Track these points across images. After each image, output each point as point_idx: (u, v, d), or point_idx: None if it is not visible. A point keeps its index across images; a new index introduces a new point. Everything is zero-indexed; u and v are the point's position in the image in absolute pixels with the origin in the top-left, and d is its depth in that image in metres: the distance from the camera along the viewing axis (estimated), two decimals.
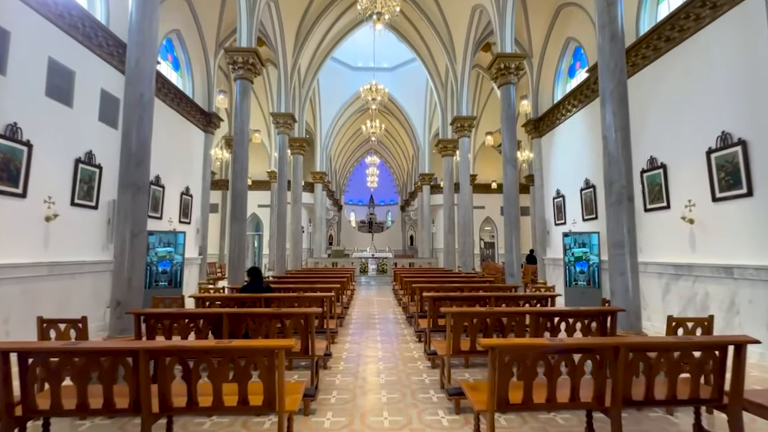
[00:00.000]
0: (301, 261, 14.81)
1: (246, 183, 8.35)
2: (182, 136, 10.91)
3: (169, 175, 10.11)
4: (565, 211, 11.10)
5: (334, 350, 5.89)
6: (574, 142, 10.64)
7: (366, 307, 10.34)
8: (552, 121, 11.83)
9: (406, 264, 18.49)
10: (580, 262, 9.19)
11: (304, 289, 6.84)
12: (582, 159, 10.20)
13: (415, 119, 21.79)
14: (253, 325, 4.03)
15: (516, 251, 8.23)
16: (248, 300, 5.34)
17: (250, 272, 5.68)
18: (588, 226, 9.82)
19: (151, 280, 8.60)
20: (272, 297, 5.42)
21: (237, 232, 8.03)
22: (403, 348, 6.08)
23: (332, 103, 21.54)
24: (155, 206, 9.31)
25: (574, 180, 10.57)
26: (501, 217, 23.64)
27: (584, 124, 10.18)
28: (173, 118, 10.41)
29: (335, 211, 32.38)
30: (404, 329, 7.54)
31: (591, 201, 9.68)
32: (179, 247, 9.11)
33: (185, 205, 10.91)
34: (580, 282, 9.15)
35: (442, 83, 15.25)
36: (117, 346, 2.61)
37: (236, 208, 8.10)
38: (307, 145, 15.04)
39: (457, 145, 14.80)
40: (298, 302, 5.41)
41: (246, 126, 8.37)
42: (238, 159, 8.24)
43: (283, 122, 12.37)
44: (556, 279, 11.47)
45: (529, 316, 4.26)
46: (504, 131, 8.62)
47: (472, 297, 5.58)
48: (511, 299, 5.59)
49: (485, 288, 7.16)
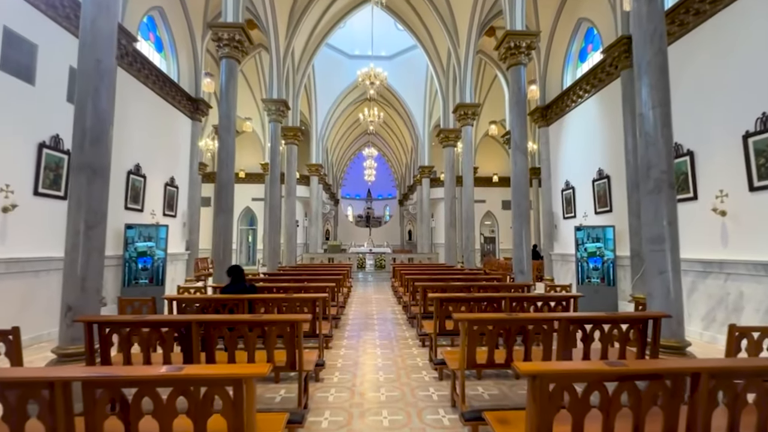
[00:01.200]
0: (295, 256, 14.15)
1: (232, 171, 7.65)
2: (166, 122, 10.16)
3: (152, 165, 9.38)
4: (574, 203, 10.46)
5: (328, 357, 5.25)
6: (586, 131, 9.98)
7: (364, 306, 9.70)
8: (561, 109, 11.16)
9: (405, 259, 17.85)
10: (594, 258, 8.57)
11: (295, 289, 6.18)
12: (595, 148, 9.55)
13: (415, 110, 21.04)
14: (229, 336, 3.36)
15: (526, 246, 7.59)
16: (230, 302, 4.67)
17: (230, 271, 5.01)
18: (601, 219, 9.19)
19: (130, 278, 7.92)
20: (258, 299, 4.76)
21: (223, 224, 7.34)
22: (406, 354, 5.43)
23: (328, 93, 20.75)
24: (135, 198, 8.59)
25: (585, 170, 9.92)
26: (502, 211, 23.04)
27: (597, 110, 9.52)
28: (155, 102, 9.66)
29: (332, 205, 31.68)
30: (405, 331, 6.90)
31: (605, 192, 9.04)
32: (161, 242, 8.42)
33: (170, 197, 10.19)
34: (594, 279, 8.53)
35: (443, 70, 14.52)
36: (26, 375, 1.94)
37: (222, 199, 7.40)
38: (301, 134, 14.31)
39: (459, 134, 14.11)
40: (287, 304, 4.74)
41: (232, 110, 7.65)
42: (224, 146, 7.53)
43: (276, 109, 11.63)
44: (564, 276, 10.86)
45: (557, 323, 3.60)
46: (513, 116, 7.94)
47: (485, 298, 4.93)
48: (528, 300, 4.94)
49: (495, 287, 6.52)
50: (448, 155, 14.07)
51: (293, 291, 6.08)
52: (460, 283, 6.82)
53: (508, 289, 6.51)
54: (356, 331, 6.98)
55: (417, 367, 4.88)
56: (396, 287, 11.06)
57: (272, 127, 11.78)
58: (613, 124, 8.78)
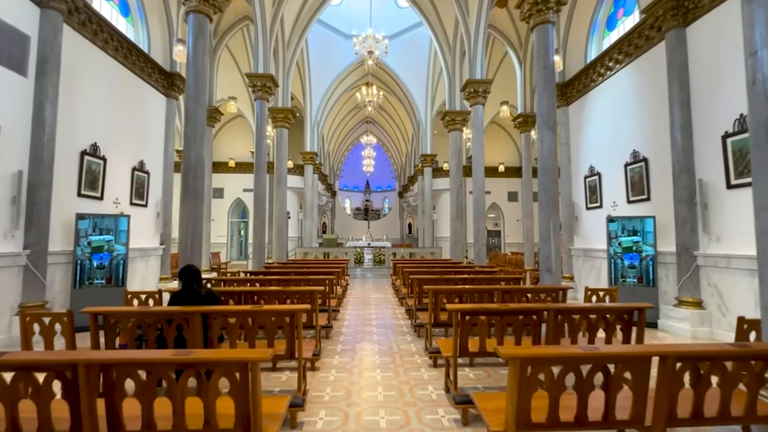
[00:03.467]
0: (286, 251, 12.89)
1: (202, 149, 6.36)
2: (133, 98, 8.82)
3: (114, 145, 8.07)
4: (600, 192, 9.21)
5: (314, 386, 4.02)
6: (616, 108, 8.69)
7: (361, 308, 8.48)
8: (585, 85, 9.86)
9: (405, 254, 16.62)
10: (630, 254, 7.34)
11: (277, 293, 4.93)
12: (628, 127, 8.27)
13: (416, 94, 19.69)
14: (143, 385, 2.10)
15: (555, 240, 6.36)
16: (178, 317, 3.43)
17: (181, 274, 3.76)
18: (635, 209, 7.95)
19: (83, 278, 6.66)
20: (216, 312, 3.50)
21: (191, 212, 6.07)
22: (415, 383, 4.19)
23: (324, 75, 19.37)
24: (92, 183, 7.30)
25: (614, 154, 8.66)
26: (508, 203, 21.82)
27: (632, 83, 8.22)
28: (119, 74, 8.32)
29: (328, 197, 30.38)
30: (411, 344, 5.68)
31: (641, 178, 7.78)
32: (121, 235, 7.15)
33: (139, 184, 8.89)
34: (630, 279, 7.31)
35: (449, 46, 13.17)
36: None
37: (190, 182, 6.13)
38: (293, 118, 12.97)
39: (466, 117, 12.83)
40: (253, 319, 3.50)
41: (202, 77, 6.34)
42: (191, 118, 6.24)
43: (262, 86, 10.29)
44: (586, 274, 9.65)
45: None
46: (540, 85, 6.65)
47: (521, 310, 3.68)
48: (590, 312, 3.70)
49: (521, 290, 5.28)
50: (454, 140, 12.78)
51: (268, 298, 4.83)
52: (476, 287, 5.59)
53: (536, 293, 5.27)
54: (351, 343, 5.75)
55: (432, 403, 3.65)
56: (397, 286, 9.85)
57: (258, 105, 10.45)
58: (653, 98, 7.50)
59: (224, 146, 21.15)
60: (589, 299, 5.09)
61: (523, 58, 13.14)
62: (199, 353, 2.13)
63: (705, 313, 6.24)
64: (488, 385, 4.14)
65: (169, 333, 3.46)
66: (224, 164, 20.85)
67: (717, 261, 6.06)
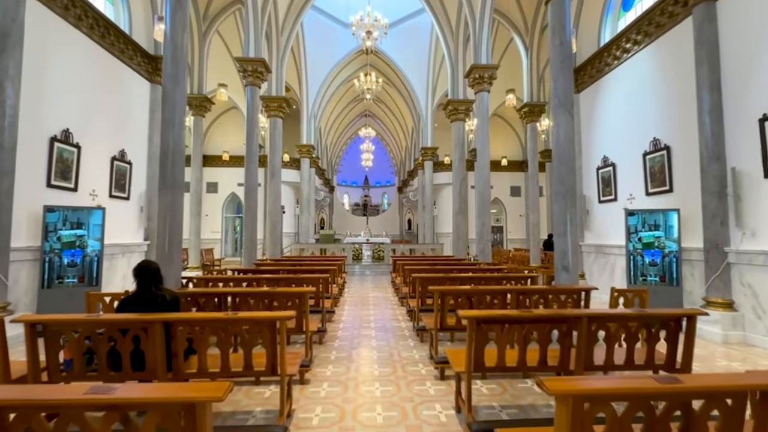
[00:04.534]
0: (280, 247, 12.29)
1: (181, 133, 5.72)
2: (112, 82, 8.17)
3: (90, 133, 7.43)
4: (615, 183, 8.62)
5: (301, 404, 3.43)
6: (633, 93, 8.08)
7: (359, 309, 7.89)
8: (598, 70, 9.23)
9: (405, 251, 16.04)
10: (651, 250, 6.75)
11: (262, 296, 4.33)
12: (647, 113, 7.66)
13: (416, 85, 19.02)
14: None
15: (572, 235, 5.76)
16: (135, 326, 2.83)
17: (136, 272, 3.15)
18: (655, 201, 7.36)
19: (52, 276, 6.05)
20: (180, 320, 2.90)
21: (169, 204, 5.46)
22: (420, 400, 3.60)
23: (321, 66, 18.66)
24: (64, 173, 6.67)
25: (632, 143, 8.06)
26: (510, 198, 21.25)
27: (652, 65, 7.60)
28: (95, 55, 7.67)
29: (326, 192, 29.75)
30: (414, 350, 5.09)
31: (662, 168, 7.18)
32: (95, 230, 6.53)
33: (120, 175, 8.26)
34: (651, 278, 6.73)
35: (452, 31, 12.50)
36: None
37: (167, 170, 5.51)
38: (287, 106, 12.33)
39: (470, 107, 12.21)
40: (224, 331, 2.89)
41: (181, 54, 5.71)
42: (169, 100, 5.60)
43: (252, 70, 9.63)
44: (599, 272, 9.07)
45: None
46: (556, 65, 6.02)
47: (550, 317, 3.09)
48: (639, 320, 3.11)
49: (548, 291, 4.68)
50: (457, 131, 12.16)
51: (255, 300, 4.23)
52: (487, 287, 5.00)
53: (556, 294, 4.68)
54: (347, 349, 5.16)
55: (440, 426, 3.06)
56: (398, 284, 9.26)
57: (248, 91, 9.79)
58: (677, 81, 6.89)
59: (217, 139, 20.50)
60: (615, 301, 4.51)
61: (529, 44, 12.50)
62: (125, 391, 1.52)
63: (737, 316, 5.66)
64: (505, 403, 3.55)
65: (124, 346, 2.86)
66: (218, 158, 20.21)
67: (752, 258, 5.48)
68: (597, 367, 3.13)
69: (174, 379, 2.99)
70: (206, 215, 20.83)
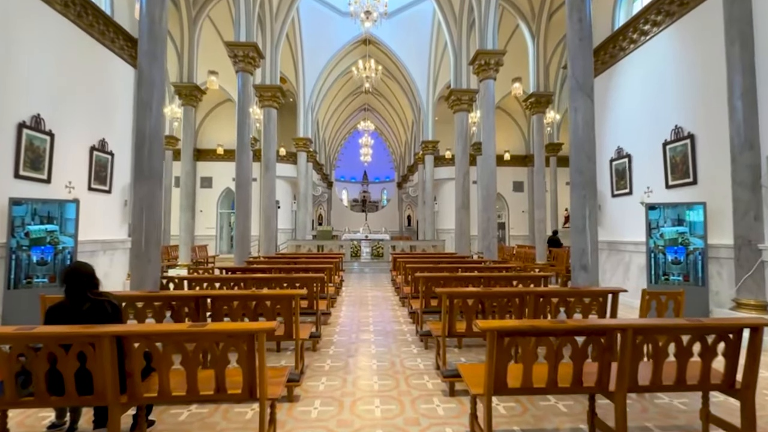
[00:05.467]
0: (275, 243, 11.75)
1: (160, 118, 5.16)
2: (92, 66, 7.59)
3: (66, 119, 6.86)
4: (630, 176, 8.09)
5: (288, 430, 2.91)
6: (653, 79, 7.53)
7: (357, 310, 7.37)
8: (611, 56, 8.68)
9: (405, 247, 15.51)
10: (674, 247, 6.23)
11: (245, 299, 3.80)
12: (668, 100, 7.12)
13: (417, 77, 18.42)
14: None
15: (591, 231, 5.23)
16: (78, 342, 2.29)
17: (64, 278, 2.59)
18: (676, 194, 6.83)
19: (19, 276, 5.50)
20: (136, 335, 2.36)
21: (145, 197, 4.92)
22: (428, 423, 3.08)
23: (318, 56, 18.05)
24: (35, 163, 6.11)
25: (650, 132, 7.52)
26: (513, 194, 20.73)
27: (674, 48, 7.05)
28: (72, 36, 7.08)
29: (324, 187, 29.19)
30: (417, 358, 4.57)
31: (684, 158, 6.65)
32: (68, 225, 5.98)
33: (100, 166, 7.70)
34: (674, 277, 6.22)
35: (455, 17, 11.92)
36: None
37: (144, 158, 4.97)
38: (281, 95, 11.74)
39: (474, 96, 11.64)
40: (190, 346, 2.36)
41: (159, 29, 5.14)
42: (146, 80, 5.04)
43: (243, 55, 9.04)
44: (612, 270, 8.55)
45: None
46: (574, 43, 5.46)
47: (600, 330, 2.57)
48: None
49: (570, 293, 4.15)
50: (460, 122, 11.60)
51: (238, 303, 3.69)
52: (502, 290, 4.49)
53: (579, 297, 4.15)
54: (343, 358, 4.64)
55: None
56: (398, 283, 8.74)
57: (240, 78, 9.20)
58: (703, 64, 6.35)
59: (212, 132, 19.93)
60: (647, 305, 3.99)
61: (536, 31, 11.92)
62: None
63: None
64: (527, 426, 3.04)
65: (66, 365, 2.33)
66: (212, 151, 19.65)
67: None
68: (643, 387, 2.61)
69: (129, 404, 2.46)
70: (200, 211, 20.28)
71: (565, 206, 20.88)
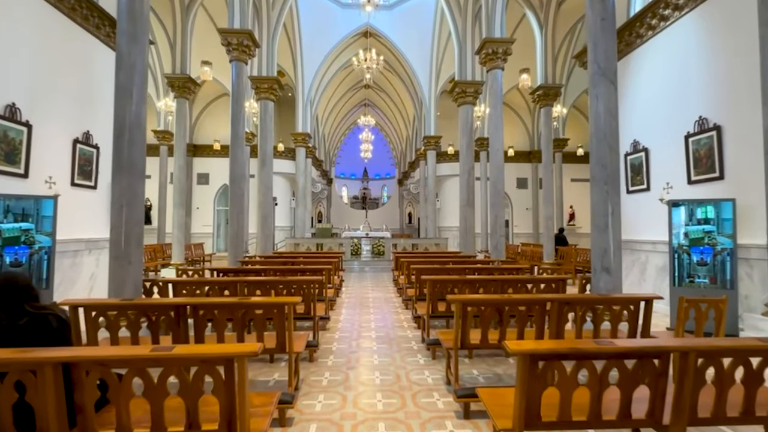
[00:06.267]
0: (272, 242, 11.31)
1: (142, 106, 4.71)
2: (75, 53, 7.11)
3: (45, 110, 6.39)
4: (648, 171, 7.64)
5: None
6: (674, 67, 7.07)
7: (358, 313, 6.93)
8: (627, 43, 8.21)
9: (407, 246, 15.08)
10: (700, 247, 5.78)
11: (232, 308, 3.35)
12: (691, 89, 6.66)
13: (419, 70, 17.92)
14: None
15: (614, 230, 4.79)
16: (16, 371, 1.84)
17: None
18: (699, 190, 6.38)
19: None
20: (87, 361, 1.91)
21: (125, 192, 4.47)
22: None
23: (317, 49, 17.55)
24: (10, 156, 5.65)
25: (670, 124, 7.07)
26: (517, 191, 20.26)
27: (698, 33, 6.58)
28: (53, 20, 6.60)
29: (324, 184, 28.72)
30: (425, 371, 4.13)
31: (710, 152, 6.19)
32: (45, 223, 5.52)
33: (84, 161, 7.23)
34: (699, 279, 5.77)
35: (459, 6, 11.42)
36: None
37: (123, 149, 4.52)
38: (279, 88, 11.26)
39: (479, 88, 11.17)
40: (157, 370, 1.91)
41: (139, 5, 4.67)
42: (125, 62, 4.59)
43: (237, 44, 8.56)
44: (627, 270, 8.07)
45: None
46: (595, 24, 5.00)
47: None
48: None
49: (598, 300, 3.71)
50: (465, 115, 11.13)
51: (221, 314, 3.24)
52: (523, 296, 4.05)
53: (608, 304, 3.70)
54: (343, 369, 4.20)
55: None
56: (400, 284, 8.31)
57: (234, 68, 8.72)
58: (731, 50, 5.89)
59: (208, 128, 19.46)
60: (685, 314, 3.55)
61: (544, 20, 11.43)
62: None
63: None
64: None
65: (1, 397, 1.88)
66: (209, 147, 19.19)
67: None
68: (703, 420, 2.17)
69: None
70: (197, 208, 19.85)
71: (570, 203, 20.44)
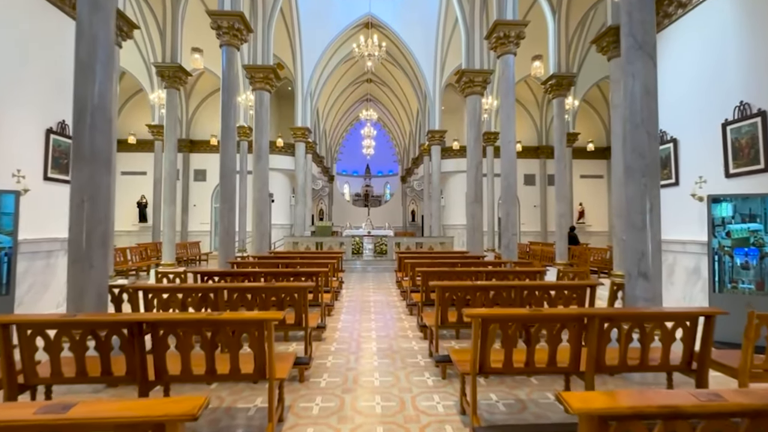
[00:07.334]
0: (268, 240, 10.71)
1: (108, 85, 4.09)
2: (47, 35, 6.51)
3: (12, 97, 5.81)
4: (676, 164, 6.97)
5: None
6: (708, 48, 6.39)
7: (358, 320, 6.30)
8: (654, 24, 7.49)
9: (411, 244, 14.46)
10: (744, 248, 5.12)
11: (203, 324, 2.73)
12: (729, 72, 5.98)
13: (423, 62, 17.24)
14: None
15: (653, 230, 4.15)
16: None
17: None
18: (739, 184, 5.71)
19: None
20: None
21: (85, 186, 3.86)
22: None
23: (317, 40, 16.88)
24: None
25: (703, 111, 6.39)
26: (524, 187, 19.56)
27: (735, 10, 5.90)
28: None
29: (325, 181, 28.10)
30: (435, 395, 3.51)
31: (753, 141, 5.51)
32: (5, 221, 4.93)
33: (60, 153, 6.64)
34: (744, 284, 5.11)
35: None
36: None
37: (83, 135, 3.94)
38: (276, 78, 10.62)
39: (488, 77, 10.49)
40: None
41: None
42: (85, 33, 3.98)
43: (228, 27, 7.91)
44: None
45: None
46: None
47: None
48: None
49: (649, 315, 3.07)
50: (473, 106, 10.46)
51: (186, 334, 2.62)
52: (551, 312, 3.43)
53: (659, 320, 3.06)
54: (338, 392, 3.57)
55: None
56: (404, 287, 7.68)
57: (224, 53, 8.07)
58: None
59: (205, 123, 18.87)
60: (756, 333, 2.91)
61: (557, 5, 10.73)
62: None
63: None
64: None
65: None
66: (205, 143, 18.60)
67: None
68: None
69: None
70: (194, 205, 19.29)
71: (579, 201, 19.74)
